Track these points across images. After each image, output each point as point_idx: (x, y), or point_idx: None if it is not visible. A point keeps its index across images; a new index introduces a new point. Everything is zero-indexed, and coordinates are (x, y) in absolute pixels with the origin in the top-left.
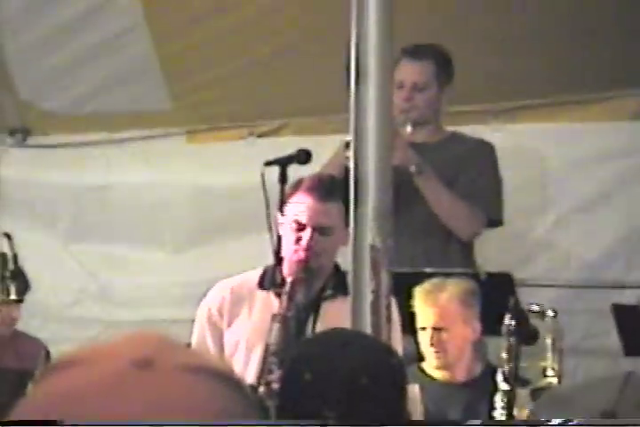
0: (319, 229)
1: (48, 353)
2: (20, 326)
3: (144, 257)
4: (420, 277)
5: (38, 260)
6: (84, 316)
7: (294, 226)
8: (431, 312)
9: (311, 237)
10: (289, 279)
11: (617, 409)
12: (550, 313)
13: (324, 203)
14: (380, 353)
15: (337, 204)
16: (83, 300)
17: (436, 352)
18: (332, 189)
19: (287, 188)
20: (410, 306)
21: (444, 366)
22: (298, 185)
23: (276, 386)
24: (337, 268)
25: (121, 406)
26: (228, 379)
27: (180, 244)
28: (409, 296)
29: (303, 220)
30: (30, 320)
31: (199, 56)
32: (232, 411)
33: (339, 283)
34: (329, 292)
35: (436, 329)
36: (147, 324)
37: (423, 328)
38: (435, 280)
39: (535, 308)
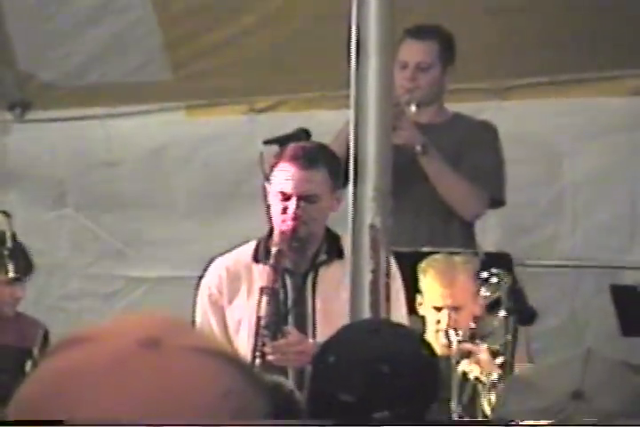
0: (305, 198)
1: (46, 333)
2: (38, 284)
3: (154, 223)
4: (420, 257)
5: (51, 230)
6: (104, 273)
7: (280, 196)
8: (448, 292)
9: (297, 206)
10: (273, 250)
11: (584, 388)
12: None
13: (308, 171)
14: (410, 343)
15: (321, 171)
16: (101, 259)
17: (453, 331)
18: (316, 156)
19: (272, 157)
20: (411, 285)
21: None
22: (281, 154)
23: (270, 358)
24: (328, 232)
25: (126, 385)
26: (234, 361)
27: (184, 220)
28: (409, 276)
29: (288, 189)
30: (50, 278)
31: (200, 22)
32: (238, 392)
33: (332, 247)
34: (323, 257)
35: (454, 308)
36: (166, 281)
37: (439, 308)
38: (439, 257)
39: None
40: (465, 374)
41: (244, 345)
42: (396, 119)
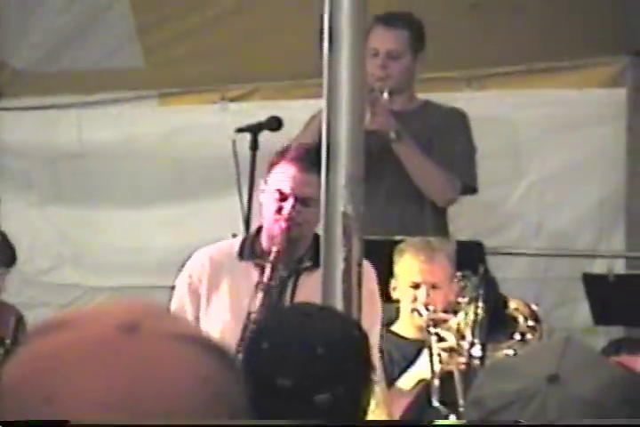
0: (301, 200)
1: (20, 319)
2: None
3: (121, 222)
4: (391, 245)
5: (14, 225)
6: (61, 282)
7: (277, 195)
8: (427, 268)
9: (293, 207)
10: (274, 249)
11: (560, 373)
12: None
13: (308, 174)
14: (342, 325)
15: (321, 175)
16: (59, 266)
17: (428, 310)
18: (318, 160)
19: (272, 156)
20: (382, 273)
21: (431, 323)
22: (283, 154)
23: None
24: (317, 238)
25: (105, 369)
26: (213, 348)
27: (155, 208)
28: (381, 264)
29: (286, 189)
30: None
31: (172, 7)
32: (216, 379)
33: (318, 254)
34: (307, 263)
35: (432, 286)
36: (125, 290)
37: (417, 285)
38: (416, 239)
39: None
40: (441, 340)
41: (215, 336)
42: (370, 105)
